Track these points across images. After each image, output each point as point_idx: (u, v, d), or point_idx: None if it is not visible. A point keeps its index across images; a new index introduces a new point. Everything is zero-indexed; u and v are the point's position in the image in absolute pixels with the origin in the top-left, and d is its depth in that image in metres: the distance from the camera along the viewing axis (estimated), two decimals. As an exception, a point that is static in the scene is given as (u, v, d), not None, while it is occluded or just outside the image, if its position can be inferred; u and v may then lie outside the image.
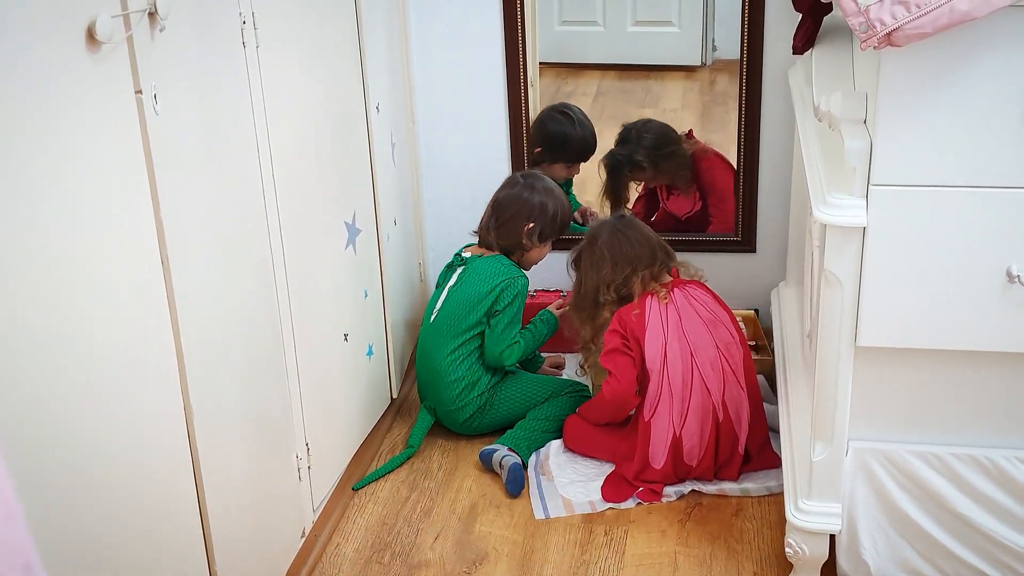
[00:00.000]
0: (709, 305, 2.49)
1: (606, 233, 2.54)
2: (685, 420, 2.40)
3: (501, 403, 2.67)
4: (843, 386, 1.90)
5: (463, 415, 2.65)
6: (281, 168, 2.00)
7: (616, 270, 2.49)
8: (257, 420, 1.95)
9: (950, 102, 1.69)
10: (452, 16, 2.88)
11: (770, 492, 2.42)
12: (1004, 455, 1.91)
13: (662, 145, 3.03)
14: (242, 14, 1.83)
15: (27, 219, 1.30)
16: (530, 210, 2.67)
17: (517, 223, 2.68)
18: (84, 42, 1.38)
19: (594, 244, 2.54)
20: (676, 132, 3.04)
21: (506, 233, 2.69)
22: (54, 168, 1.34)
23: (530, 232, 2.68)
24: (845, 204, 1.77)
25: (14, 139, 1.27)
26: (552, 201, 2.69)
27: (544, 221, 2.68)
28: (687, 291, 2.49)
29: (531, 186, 2.70)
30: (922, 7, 1.57)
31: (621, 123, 3.07)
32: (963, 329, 1.82)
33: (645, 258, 2.49)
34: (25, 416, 1.31)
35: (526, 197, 2.68)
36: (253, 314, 1.93)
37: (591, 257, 2.54)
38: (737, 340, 2.47)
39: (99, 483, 1.47)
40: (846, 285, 1.82)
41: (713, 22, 3.13)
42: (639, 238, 2.52)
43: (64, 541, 1.40)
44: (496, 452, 2.54)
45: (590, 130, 3.04)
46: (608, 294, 2.50)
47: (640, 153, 3.03)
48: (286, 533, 2.13)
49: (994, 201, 1.73)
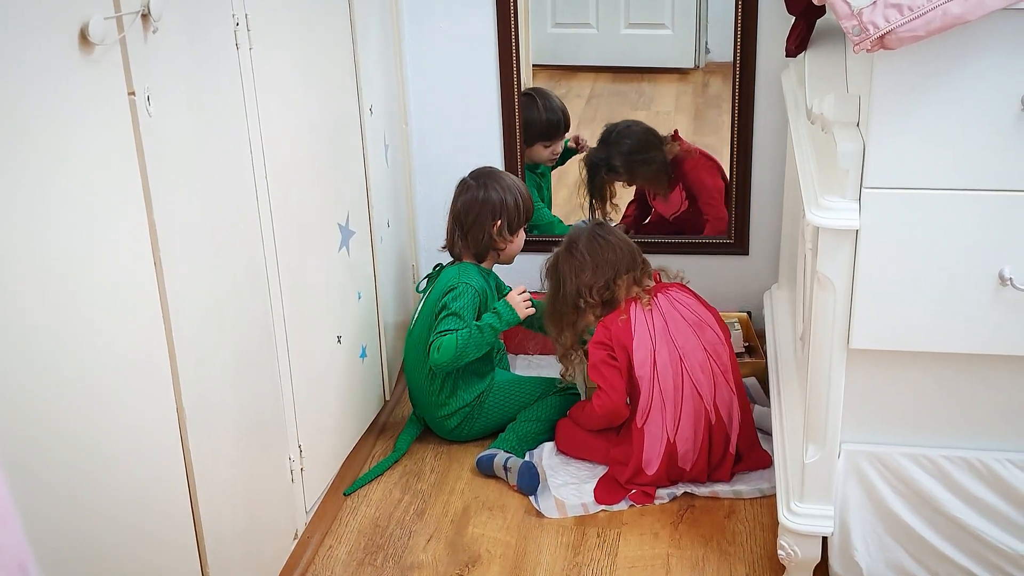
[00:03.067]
0: (693, 307, 2.49)
1: (584, 238, 2.52)
2: (679, 426, 2.40)
3: (489, 410, 2.65)
4: (835, 388, 1.90)
5: (450, 424, 2.64)
6: (274, 170, 2.00)
7: (597, 273, 2.48)
8: (250, 422, 1.95)
9: (943, 105, 1.69)
10: (446, 18, 2.88)
11: (762, 494, 2.42)
12: (996, 458, 1.92)
13: (639, 151, 3.04)
14: (235, 16, 1.83)
15: (20, 220, 1.30)
16: (492, 208, 2.65)
17: (483, 225, 2.65)
18: (77, 44, 1.37)
19: (573, 249, 2.52)
20: (658, 136, 3.03)
21: (475, 238, 2.66)
22: (46, 170, 1.34)
23: (500, 229, 2.66)
24: (838, 207, 1.77)
25: (7, 140, 1.27)
26: (509, 193, 2.67)
27: (509, 213, 2.66)
28: (670, 295, 2.50)
29: (484, 185, 2.67)
30: (915, 10, 1.57)
31: (614, 120, 3.07)
32: (955, 332, 1.82)
33: (626, 262, 2.49)
34: (17, 417, 1.31)
35: (483, 197, 2.66)
36: (246, 315, 1.92)
37: (570, 261, 2.51)
38: (723, 339, 2.47)
39: (91, 484, 1.47)
40: (839, 287, 1.82)
41: (706, 24, 3.14)
42: (618, 242, 2.51)
43: (56, 543, 1.40)
44: (496, 457, 2.52)
45: (556, 108, 3.04)
46: (590, 297, 2.49)
47: (616, 158, 3.04)
48: (279, 535, 2.13)
49: (987, 204, 1.73)
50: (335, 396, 2.41)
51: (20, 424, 1.31)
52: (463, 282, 2.60)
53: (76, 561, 1.44)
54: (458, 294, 2.57)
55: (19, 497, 1.30)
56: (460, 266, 2.68)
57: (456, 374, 2.62)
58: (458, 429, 2.65)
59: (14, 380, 1.30)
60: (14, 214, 1.29)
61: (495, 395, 2.66)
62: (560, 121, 3.06)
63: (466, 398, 2.63)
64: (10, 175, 1.28)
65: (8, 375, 1.29)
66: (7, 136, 1.27)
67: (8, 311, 1.28)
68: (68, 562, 1.42)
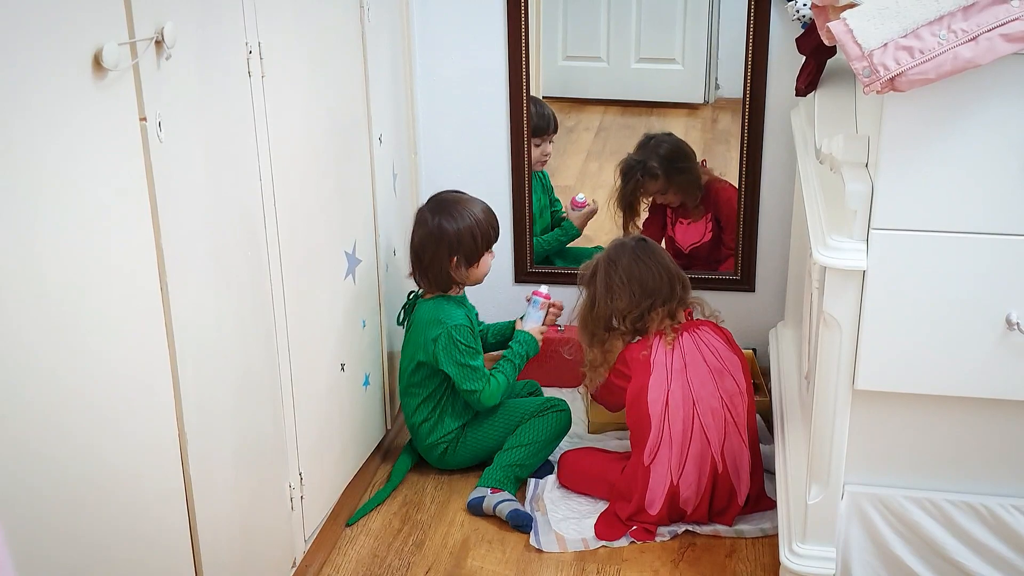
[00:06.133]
0: (719, 351, 2.43)
1: (627, 258, 2.46)
2: (683, 469, 2.38)
3: (473, 438, 2.63)
4: (840, 429, 1.89)
5: (437, 451, 2.63)
6: (283, 197, 2.00)
7: (633, 302, 2.43)
8: (251, 448, 1.94)
9: (952, 147, 1.69)
10: (456, 47, 2.90)
11: (764, 534, 2.41)
12: (1000, 503, 1.91)
13: (677, 158, 3.05)
14: (248, 44, 1.84)
15: (29, 243, 1.30)
16: (448, 244, 2.56)
17: (440, 262, 2.58)
18: (90, 69, 1.38)
19: (613, 268, 2.46)
20: (693, 152, 3.05)
21: (435, 275, 2.60)
22: (57, 193, 1.35)
23: (456, 264, 2.59)
24: (845, 247, 1.77)
25: (19, 163, 1.28)
26: (465, 223, 2.57)
27: (465, 248, 2.58)
28: (697, 335, 2.44)
29: (440, 216, 2.58)
30: (926, 53, 1.57)
31: (627, 152, 3.08)
32: (961, 375, 1.82)
33: (664, 292, 2.43)
34: (19, 440, 1.31)
35: (438, 233, 2.56)
36: (250, 341, 1.92)
37: (608, 281, 2.46)
38: (742, 389, 2.42)
39: (91, 508, 1.46)
40: (845, 328, 1.82)
41: (716, 60, 3.15)
42: (659, 269, 2.45)
43: (54, 567, 1.39)
44: (484, 500, 2.50)
45: (545, 111, 3.05)
46: (622, 324, 2.46)
47: (654, 159, 3.03)
48: (277, 563, 2.12)
49: (994, 248, 1.73)
50: (337, 424, 2.40)
51: (21, 447, 1.31)
52: (455, 325, 2.55)
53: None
54: (451, 345, 2.54)
55: (18, 521, 1.30)
56: (434, 307, 2.60)
57: (441, 403, 2.62)
58: (443, 457, 2.64)
59: (18, 403, 1.30)
60: (24, 236, 1.29)
61: (479, 422, 2.64)
62: (549, 118, 3.06)
63: (451, 426, 2.62)
64: (21, 197, 1.28)
65: (13, 397, 1.29)
66: (18, 159, 1.27)
67: (15, 334, 1.28)
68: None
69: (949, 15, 1.56)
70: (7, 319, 1.27)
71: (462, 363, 2.55)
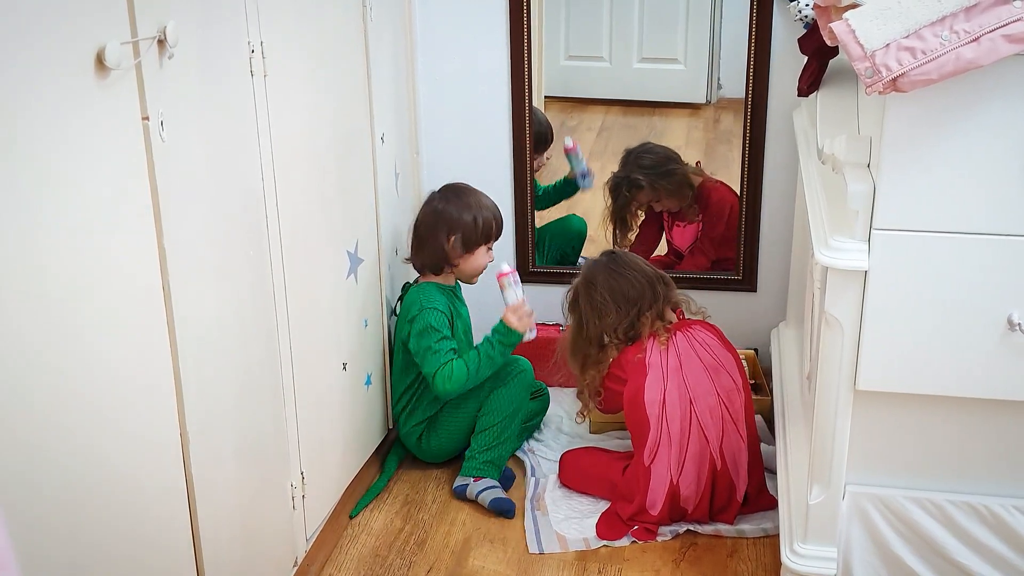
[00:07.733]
0: (713, 349, 2.45)
1: (603, 274, 2.49)
2: (683, 468, 2.38)
3: (444, 424, 2.65)
4: (841, 429, 1.89)
5: (413, 438, 2.68)
6: (285, 196, 2.00)
7: (621, 314, 2.45)
8: (252, 447, 1.94)
9: (954, 148, 1.69)
10: (459, 46, 2.90)
11: (765, 533, 2.41)
12: (1002, 503, 1.91)
13: (659, 165, 3.05)
14: (251, 43, 1.84)
15: (32, 241, 1.30)
16: (448, 222, 2.62)
17: (438, 238, 2.62)
18: (93, 68, 1.38)
19: (592, 289, 2.49)
20: (677, 155, 3.05)
21: (430, 251, 2.64)
22: (59, 192, 1.35)
23: (454, 244, 2.62)
24: (847, 247, 1.77)
25: (22, 162, 1.28)
26: (471, 210, 2.62)
27: (466, 229, 2.61)
28: (690, 333, 2.46)
29: (447, 199, 2.65)
30: (928, 53, 1.57)
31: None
32: (963, 376, 1.82)
33: (648, 296, 2.46)
34: (20, 439, 1.31)
35: (442, 210, 2.63)
36: (252, 340, 1.92)
37: (591, 302, 2.49)
38: (739, 385, 2.43)
39: (92, 507, 1.46)
40: (846, 328, 1.82)
41: (719, 60, 3.15)
42: (636, 275, 2.48)
43: (57, 564, 1.39)
44: (467, 488, 2.55)
45: (541, 119, 3.05)
46: (615, 338, 2.48)
47: (637, 171, 3.04)
48: (278, 562, 2.12)
49: (996, 248, 1.73)
50: (339, 423, 2.41)
51: (23, 446, 1.31)
52: (430, 307, 2.57)
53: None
54: (423, 328, 2.54)
55: (19, 520, 1.31)
56: (419, 291, 2.62)
57: (419, 390, 2.65)
58: (418, 445, 2.68)
59: (20, 400, 1.30)
60: (26, 236, 1.29)
61: (450, 407, 2.64)
62: (542, 134, 3.06)
63: (426, 412, 2.65)
64: (23, 196, 1.28)
65: (14, 395, 1.29)
66: (20, 157, 1.27)
67: (17, 332, 1.29)
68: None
69: (951, 16, 1.56)
70: (9, 317, 1.27)
71: (425, 345, 2.56)
